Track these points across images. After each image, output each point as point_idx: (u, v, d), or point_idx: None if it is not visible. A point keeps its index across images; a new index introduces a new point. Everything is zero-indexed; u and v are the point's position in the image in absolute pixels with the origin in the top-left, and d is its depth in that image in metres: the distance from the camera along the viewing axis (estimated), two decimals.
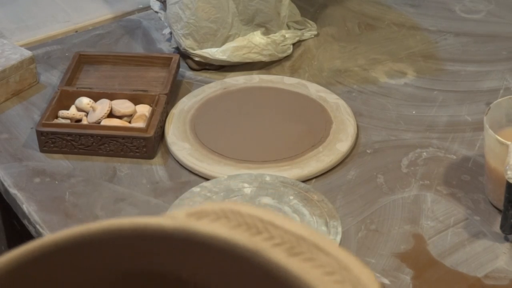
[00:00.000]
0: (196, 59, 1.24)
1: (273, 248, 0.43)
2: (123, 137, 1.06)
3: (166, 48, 1.29)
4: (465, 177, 1.04)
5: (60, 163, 1.07)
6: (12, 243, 1.23)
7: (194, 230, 0.44)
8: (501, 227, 0.94)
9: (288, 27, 1.29)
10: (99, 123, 1.09)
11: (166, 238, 0.45)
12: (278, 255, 0.43)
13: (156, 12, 1.36)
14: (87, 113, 1.12)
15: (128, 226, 0.46)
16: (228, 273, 0.46)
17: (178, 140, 1.09)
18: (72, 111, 1.12)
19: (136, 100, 1.13)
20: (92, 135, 1.07)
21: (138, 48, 1.30)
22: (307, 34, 1.31)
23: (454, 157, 1.07)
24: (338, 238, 0.84)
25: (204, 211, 0.46)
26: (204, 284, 0.49)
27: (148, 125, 1.08)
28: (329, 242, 0.43)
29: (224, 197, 0.92)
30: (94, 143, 1.07)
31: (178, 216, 0.46)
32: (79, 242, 0.46)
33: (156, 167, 1.06)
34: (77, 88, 1.16)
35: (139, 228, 0.46)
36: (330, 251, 0.43)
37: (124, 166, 1.06)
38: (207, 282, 0.49)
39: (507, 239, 0.95)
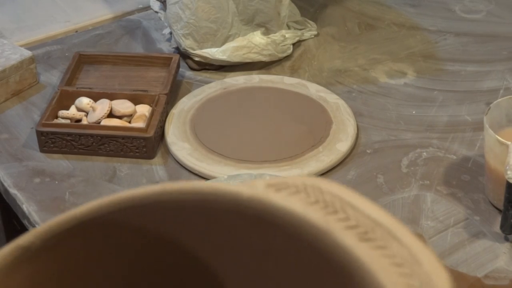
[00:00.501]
0: (196, 59, 1.24)
1: (345, 230, 0.41)
2: (123, 137, 1.06)
3: (166, 48, 1.29)
4: (465, 177, 1.04)
5: (60, 163, 1.07)
6: None
7: (269, 201, 0.43)
8: (501, 227, 0.94)
9: (288, 27, 1.29)
10: (99, 123, 1.09)
11: (240, 205, 0.44)
12: (349, 239, 0.41)
13: (156, 12, 1.36)
14: (87, 113, 1.12)
15: (207, 191, 0.44)
16: (286, 248, 0.45)
17: (178, 140, 1.09)
18: (72, 111, 1.12)
19: (136, 100, 1.13)
20: (92, 135, 1.07)
21: (138, 48, 1.30)
22: (307, 34, 1.31)
23: (454, 157, 1.07)
24: None
25: (284, 184, 0.44)
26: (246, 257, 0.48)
27: (148, 125, 1.08)
28: (407, 232, 0.41)
29: None
30: (94, 143, 1.07)
31: (257, 185, 0.44)
32: (150, 202, 0.46)
33: (156, 167, 1.06)
34: (77, 88, 1.16)
35: (217, 193, 0.44)
36: (405, 242, 0.40)
37: (124, 166, 1.06)
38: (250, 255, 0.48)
39: (507, 239, 0.95)
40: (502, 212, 0.93)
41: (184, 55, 1.25)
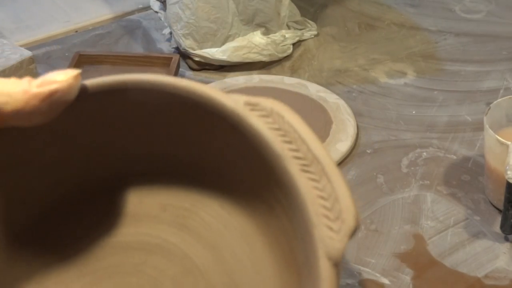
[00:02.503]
0: (196, 59, 1.24)
1: (293, 159, 0.53)
2: None
3: (166, 48, 1.29)
4: (465, 177, 1.04)
5: None
6: None
7: (245, 119, 0.55)
8: (501, 227, 0.94)
9: (288, 27, 1.29)
10: None
11: (220, 114, 0.56)
12: (294, 167, 0.52)
13: (156, 12, 1.36)
14: None
15: (200, 92, 0.56)
16: (244, 159, 0.58)
17: None
18: None
19: None
20: None
21: (138, 48, 1.30)
22: (307, 34, 1.31)
23: (454, 157, 1.07)
24: None
25: (258, 105, 0.56)
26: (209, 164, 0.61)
27: None
28: (336, 171, 0.52)
29: None
30: None
31: (238, 100, 0.55)
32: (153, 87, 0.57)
33: None
34: None
35: (205, 96, 0.56)
36: (332, 180, 0.51)
37: None
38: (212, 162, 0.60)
39: (507, 239, 0.95)
40: (502, 212, 0.93)
41: (184, 55, 1.25)
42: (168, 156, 0.62)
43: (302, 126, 0.55)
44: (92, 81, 0.60)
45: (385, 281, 0.90)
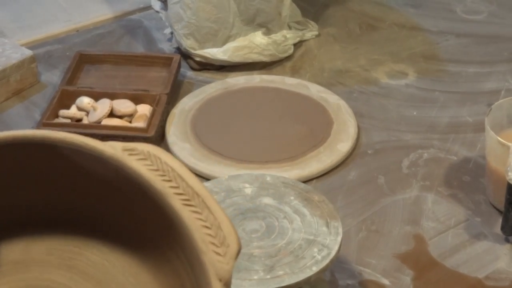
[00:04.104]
0: (197, 59, 1.24)
1: (174, 195, 0.59)
2: (124, 137, 1.06)
3: (167, 48, 1.29)
4: (466, 178, 1.04)
5: None
6: None
7: (125, 163, 0.61)
8: (502, 228, 0.94)
9: (289, 27, 1.29)
10: (100, 122, 1.09)
11: (101, 160, 0.61)
12: (177, 203, 0.59)
13: (157, 11, 1.36)
14: (87, 112, 1.12)
15: (79, 142, 0.62)
16: (130, 203, 0.64)
17: (178, 140, 1.09)
18: (73, 111, 1.12)
19: (137, 100, 1.13)
20: (92, 135, 1.06)
21: (139, 48, 1.30)
22: (308, 35, 1.31)
23: (455, 158, 1.07)
24: (339, 238, 0.84)
25: (135, 149, 0.61)
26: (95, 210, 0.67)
27: (148, 125, 1.08)
28: (214, 203, 0.59)
29: (225, 197, 0.91)
30: None
31: (116, 147, 0.61)
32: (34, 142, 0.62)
33: None
34: (78, 87, 1.16)
35: (86, 146, 0.62)
36: (213, 210, 0.59)
37: None
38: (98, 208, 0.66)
39: (507, 240, 0.95)
40: (503, 213, 0.93)
41: (185, 55, 1.25)
42: (51, 205, 0.67)
43: (179, 166, 0.60)
44: None
45: (386, 282, 0.90)
